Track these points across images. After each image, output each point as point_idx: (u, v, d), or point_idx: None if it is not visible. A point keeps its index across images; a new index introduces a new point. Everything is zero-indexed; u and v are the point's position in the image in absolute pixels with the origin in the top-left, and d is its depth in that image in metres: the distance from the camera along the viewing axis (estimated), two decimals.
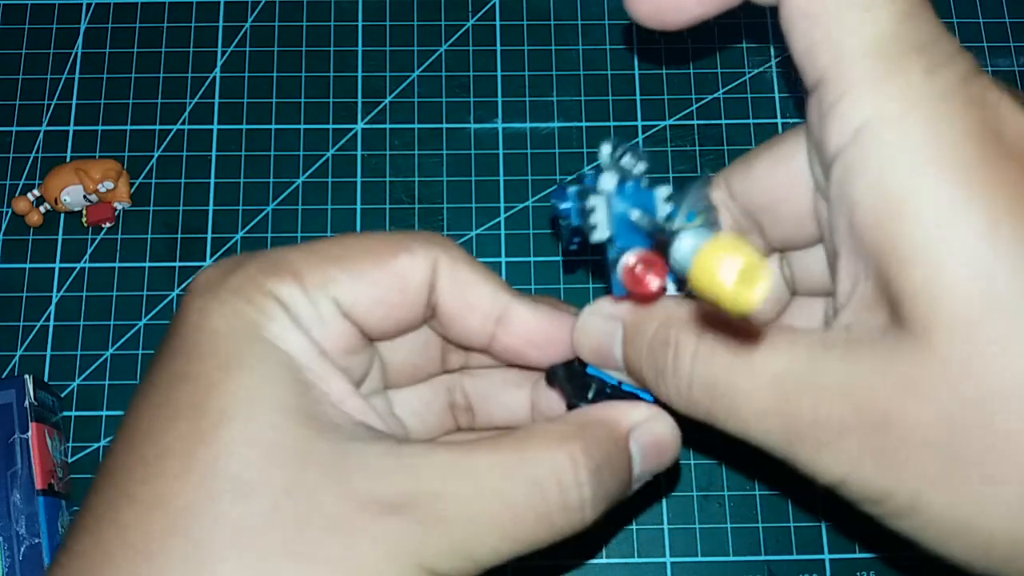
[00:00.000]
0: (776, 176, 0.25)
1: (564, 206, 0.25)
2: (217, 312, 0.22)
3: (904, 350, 0.19)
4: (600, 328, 0.25)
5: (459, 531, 0.21)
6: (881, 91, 0.20)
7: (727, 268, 0.17)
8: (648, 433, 0.24)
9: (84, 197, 0.41)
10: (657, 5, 0.25)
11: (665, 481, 0.40)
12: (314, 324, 0.23)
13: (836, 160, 0.21)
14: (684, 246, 0.18)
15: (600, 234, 0.23)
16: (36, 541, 0.35)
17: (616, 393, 0.25)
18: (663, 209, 0.23)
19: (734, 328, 0.21)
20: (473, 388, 0.29)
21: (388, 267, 0.23)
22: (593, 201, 0.23)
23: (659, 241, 0.22)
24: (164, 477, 0.20)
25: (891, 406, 0.19)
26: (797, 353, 0.21)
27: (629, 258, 0.23)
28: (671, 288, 0.24)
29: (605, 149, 0.24)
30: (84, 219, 0.42)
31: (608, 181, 0.23)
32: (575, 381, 0.26)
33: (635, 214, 0.23)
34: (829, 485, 0.21)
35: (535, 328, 0.26)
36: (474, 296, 0.25)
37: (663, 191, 0.24)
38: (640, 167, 0.23)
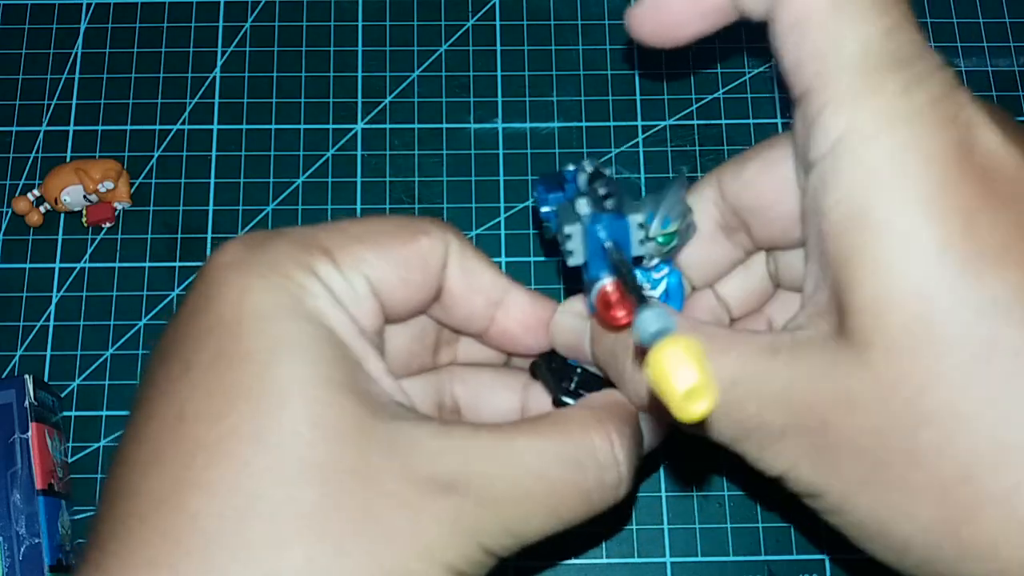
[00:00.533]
0: (766, 180, 0.25)
1: (544, 210, 0.27)
2: (259, 288, 0.21)
3: (843, 361, 0.20)
4: (571, 326, 0.27)
5: (509, 510, 0.22)
6: (859, 105, 0.20)
7: (680, 379, 0.17)
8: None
9: (84, 197, 0.41)
10: (658, 24, 0.25)
11: (665, 481, 0.40)
12: (351, 301, 0.23)
13: (812, 170, 0.21)
14: (647, 327, 0.18)
15: (575, 260, 0.24)
16: (36, 541, 0.35)
17: (596, 382, 0.27)
18: (637, 235, 0.24)
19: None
20: (464, 389, 0.29)
21: (412, 247, 0.24)
22: (569, 229, 0.24)
23: (623, 276, 0.23)
24: (231, 461, 0.20)
25: (827, 414, 0.21)
26: (746, 360, 0.22)
27: (605, 286, 0.24)
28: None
29: (581, 177, 0.25)
30: (84, 219, 0.42)
31: (583, 206, 0.24)
32: (558, 372, 0.27)
33: (608, 245, 0.24)
34: (773, 478, 0.23)
35: (531, 313, 0.27)
36: (479, 280, 0.26)
37: (637, 218, 0.24)
38: (611, 200, 0.24)
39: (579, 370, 0.27)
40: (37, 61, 0.45)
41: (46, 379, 0.40)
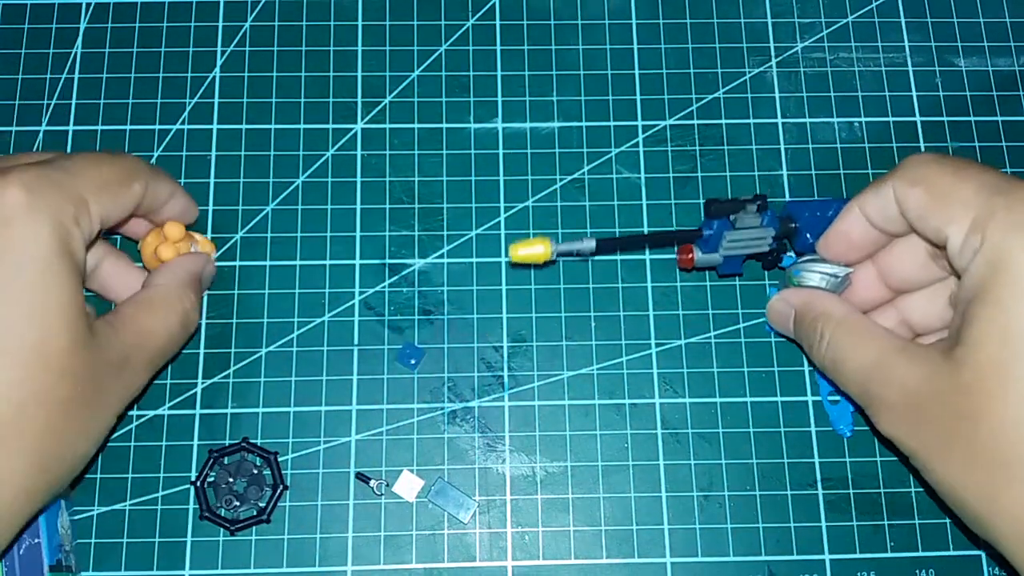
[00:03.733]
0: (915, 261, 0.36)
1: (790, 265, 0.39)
2: (42, 231, 0.29)
3: (945, 371, 0.29)
4: (781, 310, 0.38)
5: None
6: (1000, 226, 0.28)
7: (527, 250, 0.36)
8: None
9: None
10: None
11: (665, 481, 0.40)
12: (88, 237, 0.31)
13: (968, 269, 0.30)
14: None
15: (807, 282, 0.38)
16: (36, 541, 0.35)
17: None
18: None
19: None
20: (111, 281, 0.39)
21: (130, 193, 0.34)
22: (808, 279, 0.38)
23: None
24: None
25: (925, 400, 0.30)
26: (884, 349, 0.32)
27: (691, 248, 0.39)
28: (830, 287, 0.37)
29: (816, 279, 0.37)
30: None
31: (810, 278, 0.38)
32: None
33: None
34: (888, 439, 0.32)
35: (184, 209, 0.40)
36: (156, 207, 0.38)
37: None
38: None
39: None
40: (37, 61, 0.45)
41: None
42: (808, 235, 0.38)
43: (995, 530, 0.28)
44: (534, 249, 0.36)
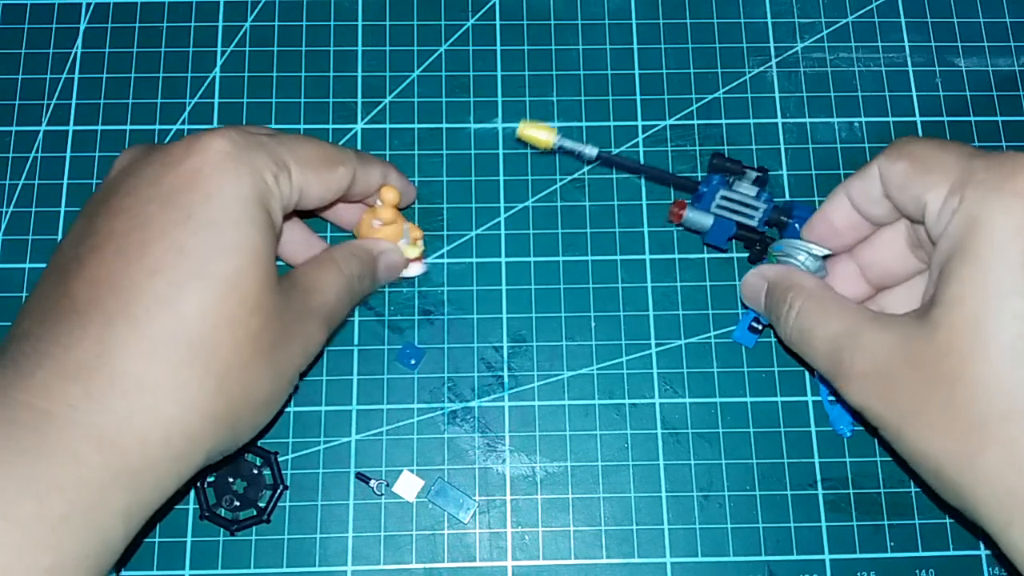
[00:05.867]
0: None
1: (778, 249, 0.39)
2: (244, 182, 0.31)
3: (918, 335, 0.29)
4: (754, 283, 0.38)
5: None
6: (984, 198, 0.28)
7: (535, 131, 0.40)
8: None
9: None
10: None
11: (665, 481, 0.40)
12: (287, 204, 0.33)
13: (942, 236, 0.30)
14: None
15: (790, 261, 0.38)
16: None
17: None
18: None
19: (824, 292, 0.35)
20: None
21: (334, 174, 0.35)
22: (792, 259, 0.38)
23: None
24: (178, 256, 0.29)
25: (896, 366, 0.29)
26: (853, 319, 0.32)
27: (681, 203, 0.41)
28: (808, 267, 0.37)
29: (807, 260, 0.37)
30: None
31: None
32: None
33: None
34: (856, 409, 0.31)
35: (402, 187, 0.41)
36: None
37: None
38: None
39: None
40: (37, 61, 0.45)
41: None
42: (798, 227, 0.39)
43: (972, 496, 0.28)
44: (540, 133, 0.40)
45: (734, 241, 0.41)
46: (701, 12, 0.46)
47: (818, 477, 0.40)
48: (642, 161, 0.44)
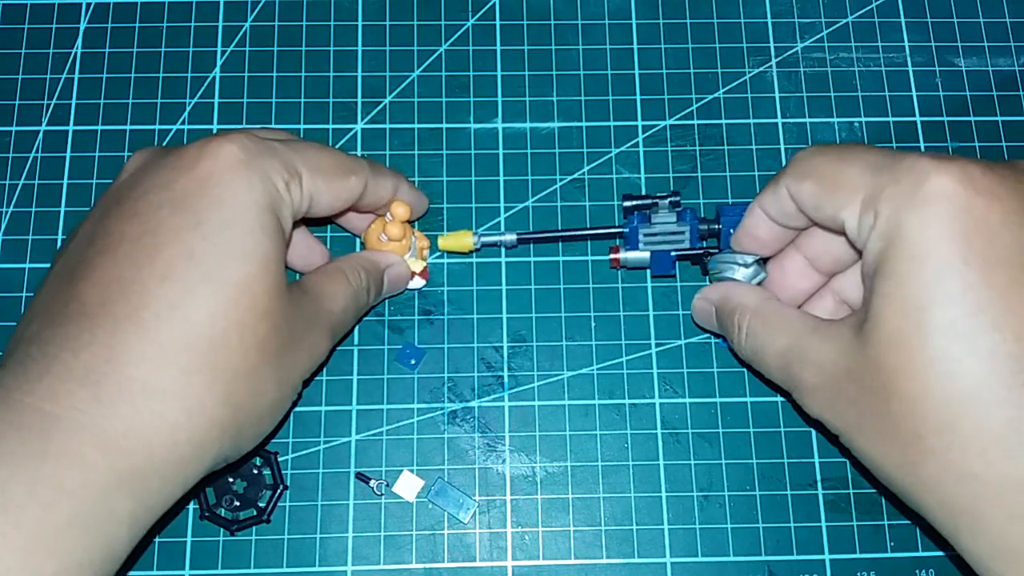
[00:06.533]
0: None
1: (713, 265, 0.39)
2: (255, 189, 0.31)
3: (855, 348, 0.29)
4: (702, 308, 0.39)
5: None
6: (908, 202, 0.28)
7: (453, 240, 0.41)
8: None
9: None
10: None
11: (665, 481, 0.40)
12: (297, 210, 0.33)
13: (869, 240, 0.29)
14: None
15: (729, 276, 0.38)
16: None
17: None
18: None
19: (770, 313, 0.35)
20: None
21: (346, 183, 0.35)
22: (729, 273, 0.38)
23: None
24: (190, 256, 0.29)
25: (840, 379, 0.30)
26: (797, 333, 0.32)
27: (619, 249, 0.41)
28: (745, 278, 0.37)
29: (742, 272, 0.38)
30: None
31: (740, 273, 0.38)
32: None
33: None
34: (815, 419, 0.32)
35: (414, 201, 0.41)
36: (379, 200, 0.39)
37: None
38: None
39: None
40: (37, 61, 0.45)
41: None
42: (732, 231, 0.38)
43: (921, 504, 0.29)
44: (459, 239, 0.41)
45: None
46: (701, 12, 0.46)
47: (818, 477, 0.40)
48: (642, 161, 0.44)
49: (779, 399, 0.41)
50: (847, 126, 0.45)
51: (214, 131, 0.44)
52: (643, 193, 0.42)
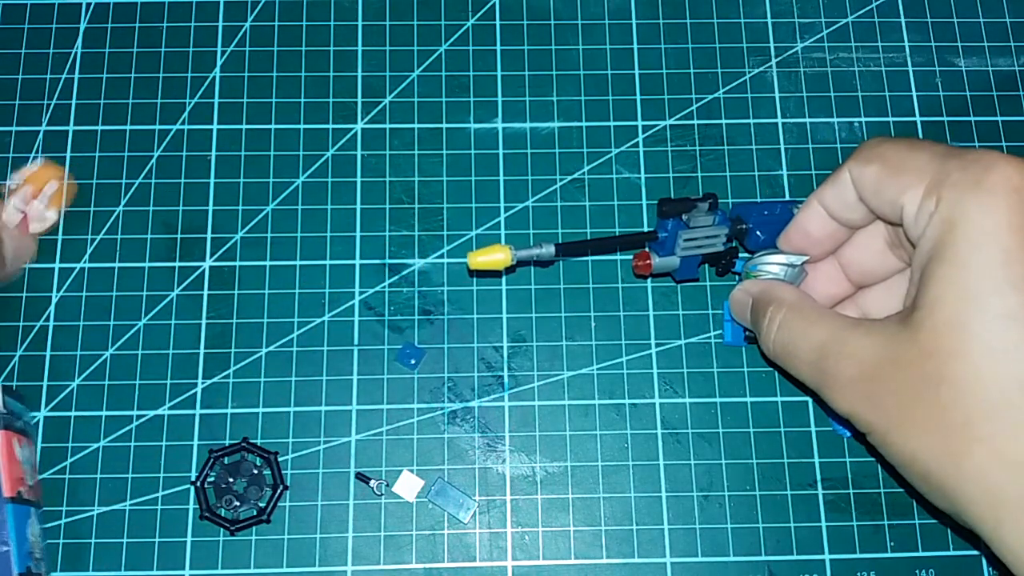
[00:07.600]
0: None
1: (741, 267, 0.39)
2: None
3: (901, 338, 0.29)
4: (740, 299, 0.38)
5: None
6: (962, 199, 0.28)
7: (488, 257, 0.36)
8: None
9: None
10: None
11: (665, 481, 0.40)
12: None
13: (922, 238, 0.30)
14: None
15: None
16: (5, 549, 0.34)
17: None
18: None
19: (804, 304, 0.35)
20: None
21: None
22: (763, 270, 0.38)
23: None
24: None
25: (881, 371, 0.29)
26: (836, 327, 0.32)
27: (647, 253, 0.39)
28: (788, 277, 0.37)
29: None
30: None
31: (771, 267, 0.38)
32: None
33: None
34: (844, 416, 0.31)
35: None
36: None
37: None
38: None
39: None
40: (37, 61, 0.45)
41: (46, 379, 0.40)
42: (759, 233, 0.38)
43: (961, 497, 0.28)
44: (493, 256, 0.36)
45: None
46: (701, 12, 0.46)
47: (818, 477, 0.40)
48: (642, 161, 0.44)
49: (779, 399, 0.41)
50: (847, 126, 0.45)
51: (214, 131, 0.44)
52: (673, 196, 0.42)
